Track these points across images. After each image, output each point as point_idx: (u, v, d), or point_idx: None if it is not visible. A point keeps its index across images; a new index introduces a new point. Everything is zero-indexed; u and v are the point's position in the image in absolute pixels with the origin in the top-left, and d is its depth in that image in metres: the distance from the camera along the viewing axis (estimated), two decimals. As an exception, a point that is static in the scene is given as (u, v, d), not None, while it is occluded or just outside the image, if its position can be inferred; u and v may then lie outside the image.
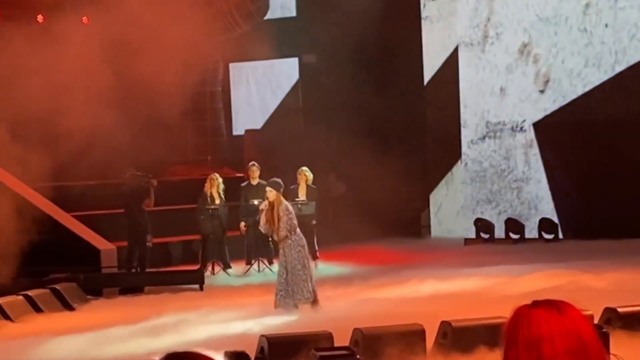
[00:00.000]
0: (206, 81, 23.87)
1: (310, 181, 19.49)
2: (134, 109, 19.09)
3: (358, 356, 10.02)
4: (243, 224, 19.31)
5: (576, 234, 21.82)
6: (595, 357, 2.86)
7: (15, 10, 19.25)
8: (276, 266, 15.40)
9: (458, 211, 23.72)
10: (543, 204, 22.59)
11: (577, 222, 22.03)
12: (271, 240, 16.56)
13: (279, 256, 14.54)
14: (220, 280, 18.42)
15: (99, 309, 15.40)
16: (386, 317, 11.51)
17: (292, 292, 14.11)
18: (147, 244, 18.87)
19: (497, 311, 9.85)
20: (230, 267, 19.25)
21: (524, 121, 22.79)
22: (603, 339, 9.63)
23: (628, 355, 9.39)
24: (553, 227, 22.26)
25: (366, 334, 10.34)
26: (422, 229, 24.31)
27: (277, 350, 10.29)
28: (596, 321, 10.76)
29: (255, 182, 19.25)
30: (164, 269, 18.71)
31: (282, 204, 14.26)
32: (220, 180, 19.38)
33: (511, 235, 22.53)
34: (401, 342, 10.18)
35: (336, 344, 10.41)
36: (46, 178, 17.34)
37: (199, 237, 19.69)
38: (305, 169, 19.56)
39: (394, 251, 20.87)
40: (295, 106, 24.92)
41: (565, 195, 22.33)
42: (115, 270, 17.89)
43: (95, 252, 17.58)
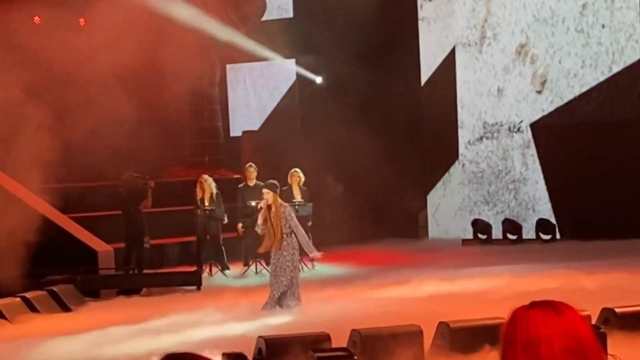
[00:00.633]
0: (203, 82, 23.85)
1: (302, 182, 19.42)
2: (131, 110, 19.07)
3: (356, 357, 10.02)
4: (240, 225, 19.28)
5: (573, 234, 21.84)
6: (593, 357, 2.86)
7: (12, 12, 19.23)
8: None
9: (455, 212, 23.73)
10: (540, 204, 22.60)
11: (575, 223, 22.04)
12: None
13: (270, 258, 14.48)
14: (217, 282, 18.41)
15: (96, 311, 15.38)
16: (384, 318, 11.50)
17: (282, 295, 14.02)
18: (145, 245, 18.85)
19: (495, 312, 9.86)
20: (228, 268, 19.23)
21: (521, 122, 22.80)
22: (601, 339, 9.65)
23: (626, 356, 9.42)
24: (550, 227, 22.27)
25: (364, 335, 10.34)
26: (419, 230, 24.30)
27: (274, 351, 10.29)
28: (594, 321, 10.77)
29: (252, 183, 19.22)
30: (161, 270, 18.68)
31: (282, 206, 14.19)
32: (210, 181, 19.24)
33: (509, 236, 22.54)
34: (399, 343, 10.18)
35: (334, 345, 10.41)
36: (43, 180, 17.32)
37: (195, 238, 19.65)
38: (297, 170, 19.48)
39: (391, 252, 20.88)
40: (292, 107, 24.90)
41: (562, 196, 22.34)
42: (113, 271, 17.88)
43: (92, 253, 17.58)
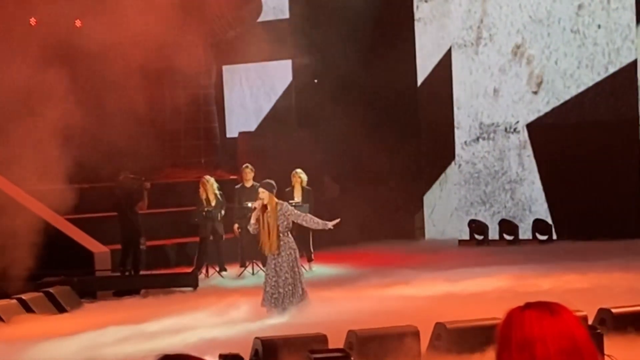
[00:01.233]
0: (199, 84, 23.85)
1: (305, 183, 19.48)
2: (127, 111, 19.06)
3: (352, 358, 10.01)
4: (237, 226, 19.28)
5: (570, 235, 21.85)
6: (588, 358, 2.85)
7: (7, 12, 19.22)
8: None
9: (452, 213, 23.73)
10: (537, 205, 22.60)
11: (571, 223, 22.05)
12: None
13: (268, 259, 14.43)
14: (214, 283, 18.40)
15: (92, 312, 15.37)
16: (380, 318, 11.49)
17: (279, 296, 13.96)
18: (141, 246, 18.84)
19: (491, 313, 9.85)
20: (225, 269, 19.22)
21: (517, 122, 22.81)
22: (597, 339, 9.65)
23: (622, 356, 9.42)
24: (547, 228, 22.28)
25: (360, 336, 10.33)
26: (416, 231, 24.30)
27: (271, 352, 10.28)
28: (590, 322, 10.76)
29: (249, 184, 19.22)
30: (157, 272, 18.67)
31: (278, 204, 14.14)
32: (212, 181, 19.33)
33: (505, 236, 22.53)
34: (395, 343, 10.18)
35: (330, 345, 10.40)
36: (39, 181, 17.31)
37: (192, 239, 19.64)
38: (299, 171, 19.54)
39: (387, 253, 20.88)
40: (288, 108, 24.90)
41: (559, 196, 22.35)
42: (109, 273, 17.87)
43: (89, 255, 17.57)
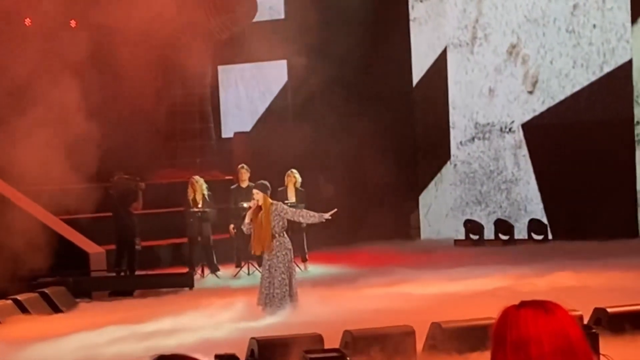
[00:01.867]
0: (195, 84, 23.83)
1: (299, 183, 19.46)
2: (122, 112, 19.05)
3: (348, 358, 10.01)
4: (232, 226, 19.26)
5: (565, 234, 21.86)
6: (583, 358, 2.85)
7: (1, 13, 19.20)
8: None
9: (447, 212, 23.73)
10: (532, 205, 22.61)
11: (566, 223, 22.06)
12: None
13: (263, 259, 14.43)
14: (209, 283, 18.39)
15: (87, 312, 15.35)
16: (376, 318, 11.49)
17: (273, 296, 13.97)
18: (136, 247, 18.82)
19: (486, 312, 9.84)
20: (218, 270, 19.21)
21: (512, 122, 22.82)
22: (592, 339, 9.64)
23: (618, 356, 9.39)
24: (542, 228, 22.29)
25: (356, 336, 10.33)
26: (411, 231, 24.30)
27: (267, 352, 10.27)
28: (586, 321, 10.77)
29: (244, 184, 19.20)
30: (153, 272, 18.65)
31: (273, 205, 14.14)
32: (202, 182, 19.27)
33: (500, 236, 22.54)
34: (391, 343, 10.17)
35: (326, 346, 10.39)
36: (34, 181, 17.29)
37: (186, 240, 19.63)
38: (293, 171, 19.52)
39: (383, 253, 20.87)
40: (284, 109, 24.89)
41: (554, 196, 22.35)
42: (104, 273, 17.85)
43: (84, 255, 17.54)
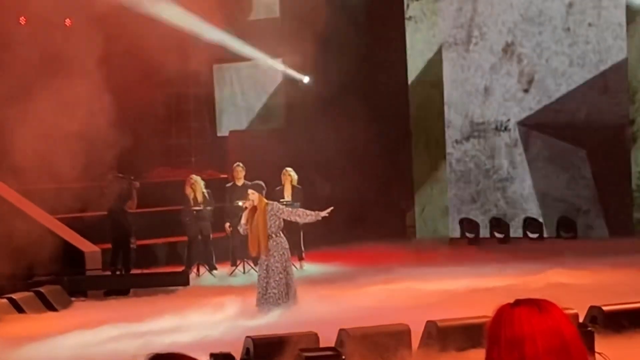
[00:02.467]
0: (190, 82, 23.81)
1: (295, 182, 19.47)
2: (117, 110, 19.01)
3: (344, 357, 10.01)
4: (228, 224, 19.26)
5: (561, 233, 21.87)
6: (577, 356, 2.84)
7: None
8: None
9: (443, 211, 23.73)
10: (528, 203, 22.62)
11: (562, 221, 22.05)
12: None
13: (260, 259, 14.42)
14: (205, 282, 18.38)
15: (83, 311, 15.34)
16: (372, 317, 11.49)
17: (269, 295, 13.96)
18: (131, 245, 18.81)
19: (482, 311, 9.84)
20: (215, 268, 19.21)
21: (508, 121, 22.82)
22: (588, 337, 9.65)
23: (613, 354, 9.41)
24: (538, 226, 22.29)
25: (352, 335, 10.32)
26: (407, 229, 24.30)
27: (262, 351, 10.27)
28: (581, 320, 10.77)
29: (240, 183, 19.19)
30: (148, 271, 18.64)
31: (268, 205, 14.14)
32: (199, 180, 19.28)
33: (496, 234, 22.55)
34: (387, 342, 10.17)
35: (322, 344, 10.40)
36: (29, 180, 17.26)
37: (183, 238, 19.63)
38: (289, 169, 19.54)
39: (379, 251, 20.85)
40: (279, 107, 24.87)
41: (549, 194, 22.36)
42: (100, 272, 17.83)
43: (79, 254, 17.52)
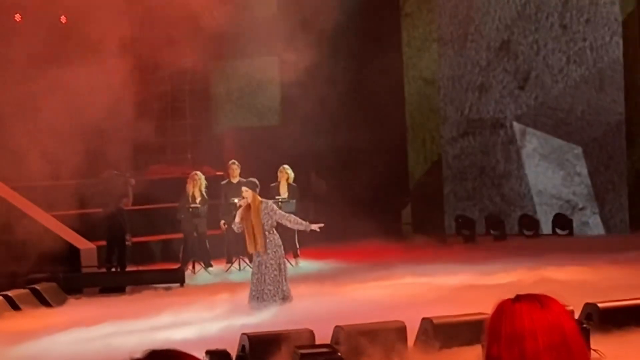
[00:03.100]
0: (186, 79, 23.79)
1: (291, 179, 19.47)
2: (113, 107, 18.98)
3: (339, 354, 9.99)
4: (223, 222, 19.25)
5: (556, 230, 21.87)
6: (577, 352, 2.83)
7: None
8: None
9: (439, 208, 23.72)
10: (524, 200, 22.61)
11: (558, 219, 22.06)
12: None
13: (254, 256, 14.40)
14: (200, 279, 18.37)
15: (79, 309, 15.32)
16: (367, 314, 11.49)
17: (264, 292, 13.94)
18: (127, 243, 18.79)
19: (478, 307, 9.84)
20: (211, 265, 19.20)
21: (504, 117, 22.82)
22: (583, 334, 9.65)
23: (608, 350, 9.41)
24: (534, 223, 22.29)
25: (347, 332, 10.32)
26: (403, 226, 24.29)
27: (258, 348, 10.26)
28: (576, 316, 10.77)
29: (235, 180, 19.18)
30: (144, 268, 18.62)
31: (262, 203, 14.14)
32: (202, 178, 19.35)
33: (492, 231, 22.53)
34: (383, 339, 10.16)
35: (317, 341, 10.39)
36: (24, 177, 17.23)
37: (178, 235, 19.63)
38: (286, 166, 19.54)
39: (374, 248, 20.85)
40: (275, 104, 24.85)
41: (546, 191, 22.36)
42: (95, 269, 17.81)
43: (75, 251, 17.51)
